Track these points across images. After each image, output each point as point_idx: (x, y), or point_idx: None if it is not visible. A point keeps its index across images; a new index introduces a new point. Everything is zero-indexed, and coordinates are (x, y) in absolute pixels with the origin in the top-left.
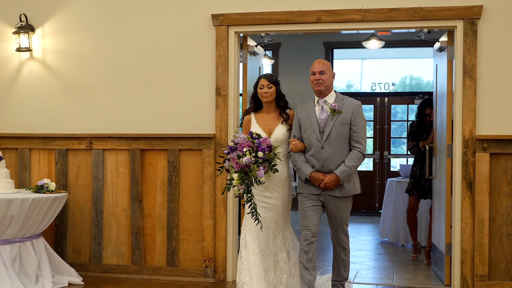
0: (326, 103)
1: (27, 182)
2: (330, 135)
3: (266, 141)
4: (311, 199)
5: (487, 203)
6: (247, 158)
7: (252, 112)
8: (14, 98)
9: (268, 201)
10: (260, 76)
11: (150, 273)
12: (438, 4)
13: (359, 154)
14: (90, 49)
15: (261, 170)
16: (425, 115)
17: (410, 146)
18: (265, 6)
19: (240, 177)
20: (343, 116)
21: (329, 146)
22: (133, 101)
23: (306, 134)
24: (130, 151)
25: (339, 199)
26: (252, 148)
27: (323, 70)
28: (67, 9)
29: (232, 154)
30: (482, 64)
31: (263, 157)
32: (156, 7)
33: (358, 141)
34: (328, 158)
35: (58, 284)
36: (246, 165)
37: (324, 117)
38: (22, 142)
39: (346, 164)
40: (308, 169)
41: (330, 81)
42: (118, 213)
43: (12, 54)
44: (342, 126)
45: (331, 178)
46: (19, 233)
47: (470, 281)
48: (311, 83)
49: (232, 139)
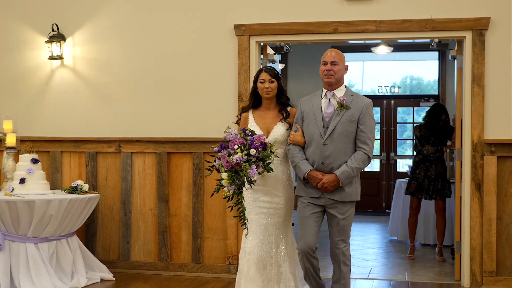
0: (334, 97)
1: (58, 184)
2: (334, 131)
3: (260, 138)
4: (310, 205)
5: (494, 203)
6: (238, 156)
7: (250, 109)
8: (46, 104)
9: (269, 206)
10: (260, 69)
11: (176, 269)
12: (448, 16)
13: (364, 156)
14: (118, 57)
15: (253, 169)
16: (439, 120)
17: (431, 151)
18: (284, 17)
19: (230, 177)
20: (351, 112)
21: (332, 143)
22: (159, 106)
23: (309, 128)
24: (157, 154)
25: (341, 204)
26: (244, 145)
27: (335, 60)
28: (96, 20)
29: (223, 152)
30: (489, 73)
31: (256, 155)
32: (181, 18)
33: (364, 142)
34: (330, 156)
35: (92, 280)
36: (236, 164)
37: (330, 111)
38: (54, 145)
39: (348, 165)
40: (307, 166)
41: (341, 74)
42: (145, 212)
43: (44, 62)
44: (348, 124)
45: (330, 178)
46: (56, 231)
47: (479, 276)
48: (321, 74)
49: (224, 136)
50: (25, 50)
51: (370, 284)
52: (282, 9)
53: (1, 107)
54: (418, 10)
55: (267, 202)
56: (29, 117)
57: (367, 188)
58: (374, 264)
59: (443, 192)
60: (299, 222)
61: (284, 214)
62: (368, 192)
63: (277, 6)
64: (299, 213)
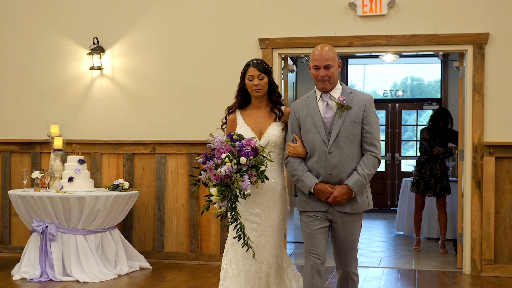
0: (331, 98)
1: (98, 182)
2: (338, 136)
3: (250, 142)
4: (318, 219)
5: (493, 199)
6: (227, 166)
7: (238, 110)
8: (87, 110)
9: (259, 221)
10: (247, 64)
11: (206, 259)
12: (451, 31)
13: (374, 159)
14: (152, 67)
15: (245, 180)
16: (446, 123)
17: (441, 151)
18: (304, 32)
19: (220, 192)
20: (353, 112)
21: (338, 150)
22: (190, 111)
23: (308, 137)
24: (188, 155)
25: (350, 217)
26: (232, 154)
27: (328, 63)
28: (132, 34)
29: (209, 163)
30: (488, 82)
31: (247, 163)
32: (210, 31)
33: (372, 144)
34: (337, 165)
35: (132, 268)
36: (226, 176)
37: (330, 115)
38: (94, 147)
39: (359, 172)
40: (313, 179)
41: (336, 74)
42: (177, 208)
43: (85, 72)
44: (352, 125)
45: (341, 190)
46: (102, 224)
47: (479, 264)
48: (313, 78)
49: (208, 144)
50: (68, 61)
51: (381, 271)
52: (302, 25)
53: (47, 113)
54: (425, 26)
55: (256, 216)
56: (72, 122)
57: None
58: (383, 255)
59: (448, 189)
60: (306, 239)
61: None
62: (374, 191)
63: (297, 22)
64: (304, 229)
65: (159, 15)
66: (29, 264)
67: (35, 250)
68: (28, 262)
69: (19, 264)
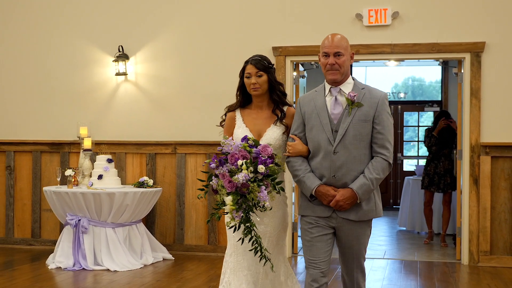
0: (341, 93)
1: (123, 180)
2: (346, 135)
3: (266, 149)
4: (319, 226)
5: (488, 195)
6: (244, 174)
7: (238, 108)
8: (112, 112)
9: (258, 227)
10: (246, 61)
11: (223, 251)
12: (450, 40)
13: (384, 163)
14: (173, 73)
15: (263, 191)
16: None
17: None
18: (315, 40)
19: (236, 201)
20: (364, 110)
21: (344, 150)
22: (208, 114)
23: (313, 134)
24: (207, 154)
25: (356, 224)
26: (250, 161)
27: (339, 51)
28: (154, 41)
29: (222, 169)
30: (485, 87)
31: (265, 172)
32: (227, 40)
33: (383, 146)
34: (343, 166)
35: (156, 259)
36: (243, 185)
37: (338, 111)
38: (119, 147)
39: (366, 176)
40: (315, 181)
41: (348, 65)
42: (197, 204)
43: (110, 77)
44: (362, 124)
45: (345, 194)
46: (129, 218)
47: (476, 256)
48: (322, 68)
49: (219, 147)
50: (95, 67)
51: (386, 262)
52: (313, 34)
53: (76, 115)
54: (426, 35)
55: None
56: (99, 124)
57: None
58: (387, 247)
59: (452, 186)
60: (305, 247)
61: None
62: None
63: (308, 32)
64: (304, 237)
65: (179, 25)
66: (63, 254)
67: (68, 242)
68: (62, 253)
69: (53, 254)
